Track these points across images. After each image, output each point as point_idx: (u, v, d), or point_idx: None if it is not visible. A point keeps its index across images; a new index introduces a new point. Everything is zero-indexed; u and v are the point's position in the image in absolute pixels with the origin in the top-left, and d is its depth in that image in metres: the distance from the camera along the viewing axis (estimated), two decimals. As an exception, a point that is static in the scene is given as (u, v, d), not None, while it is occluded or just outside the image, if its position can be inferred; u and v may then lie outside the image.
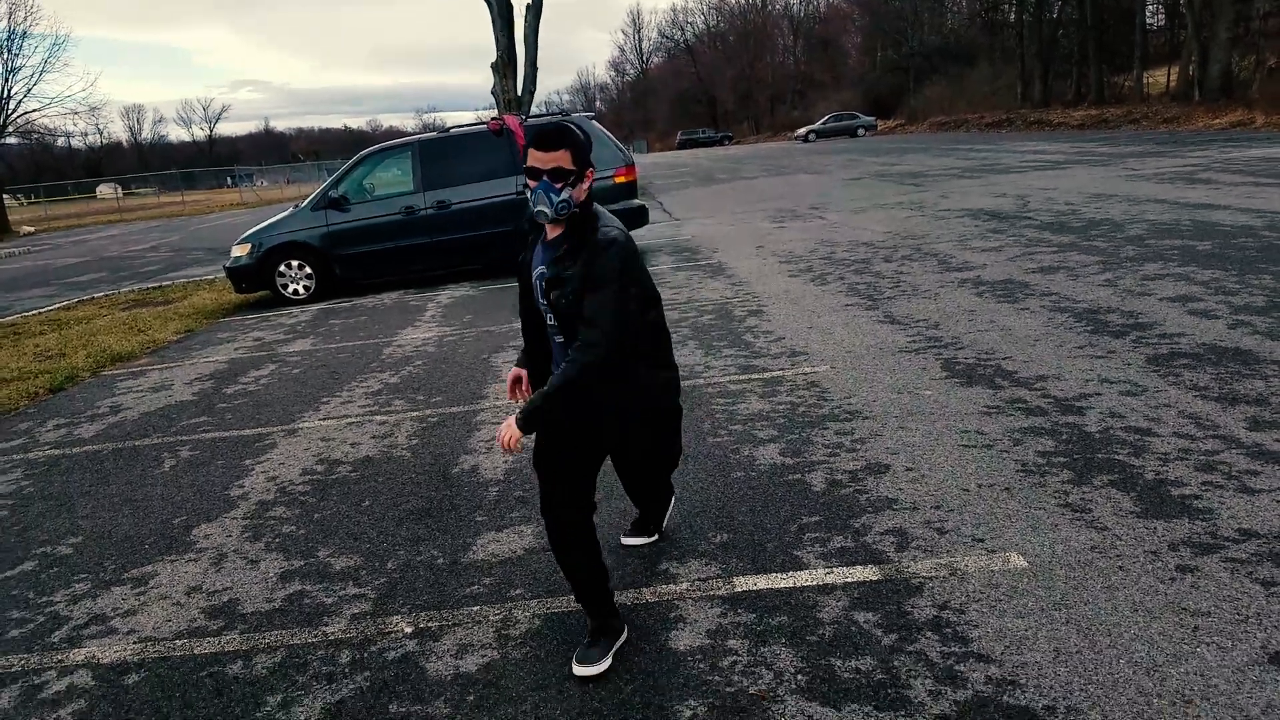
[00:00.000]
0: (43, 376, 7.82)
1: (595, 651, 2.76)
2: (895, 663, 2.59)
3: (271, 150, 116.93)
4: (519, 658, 2.87)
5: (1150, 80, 44.11)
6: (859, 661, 2.62)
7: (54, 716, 2.84)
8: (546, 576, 3.35)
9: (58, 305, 12.92)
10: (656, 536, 3.52)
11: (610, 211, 2.76)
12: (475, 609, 3.19)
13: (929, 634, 2.71)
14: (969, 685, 2.46)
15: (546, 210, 2.55)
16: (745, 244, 11.69)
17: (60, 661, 3.18)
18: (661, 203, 19.83)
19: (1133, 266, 7.60)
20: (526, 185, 2.59)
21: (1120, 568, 2.94)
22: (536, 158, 2.54)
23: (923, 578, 3.02)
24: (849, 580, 3.07)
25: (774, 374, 5.58)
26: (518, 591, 3.28)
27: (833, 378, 5.36)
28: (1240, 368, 4.73)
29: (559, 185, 2.53)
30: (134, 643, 3.24)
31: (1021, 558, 3.07)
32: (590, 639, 2.81)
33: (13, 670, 3.16)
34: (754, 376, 5.57)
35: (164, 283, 14.49)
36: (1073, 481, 3.60)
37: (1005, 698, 2.39)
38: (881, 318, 6.72)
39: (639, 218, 10.75)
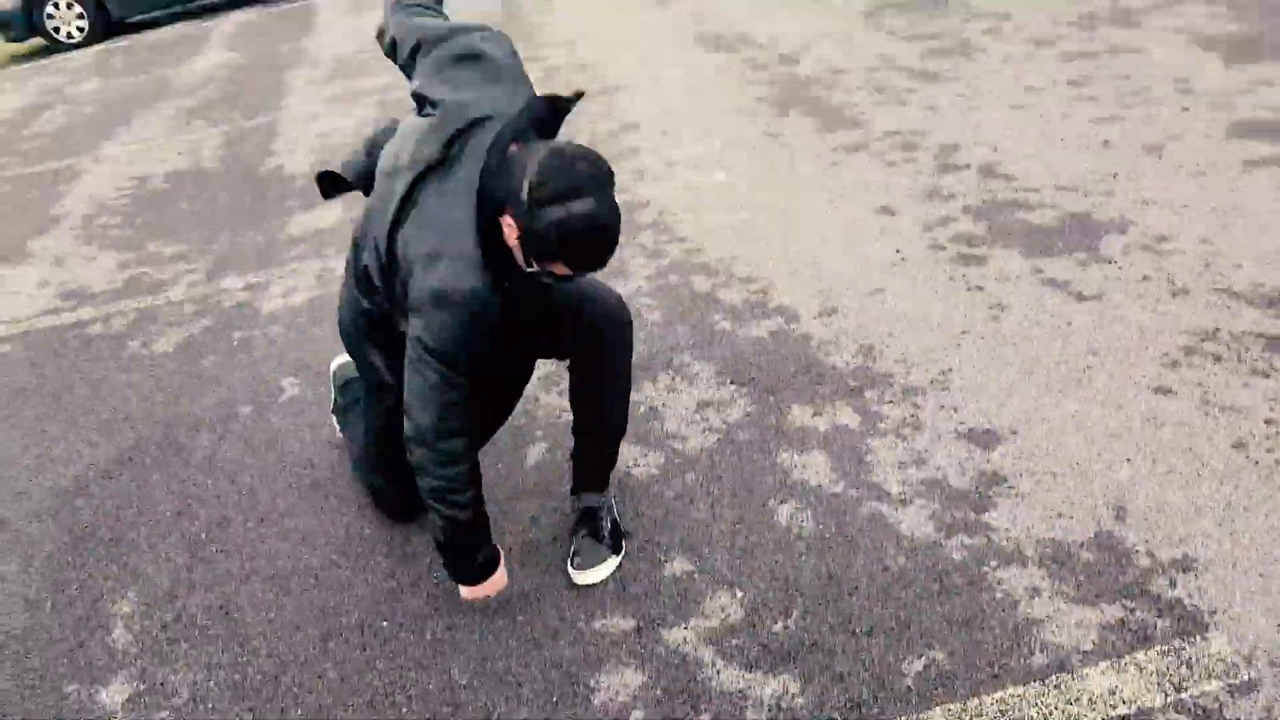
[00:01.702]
0: None
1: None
2: (622, 255, 3.43)
3: None
4: (337, 289, 3.59)
5: None
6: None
7: (-57, 381, 3.43)
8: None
9: None
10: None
11: None
12: (296, 265, 3.86)
13: (648, 231, 3.57)
14: (668, 256, 3.37)
15: None
16: None
17: (-69, 349, 3.69)
18: None
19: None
20: None
21: (791, 168, 3.87)
22: None
23: (649, 196, 3.86)
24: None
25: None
26: (332, 250, 3.94)
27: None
28: (932, 9, 5.65)
29: None
30: (-2, 326, 3.78)
31: (724, 174, 3.94)
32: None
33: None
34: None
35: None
36: (776, 116, 4.46)
37: (692, 259, 3.32)
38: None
39: None
